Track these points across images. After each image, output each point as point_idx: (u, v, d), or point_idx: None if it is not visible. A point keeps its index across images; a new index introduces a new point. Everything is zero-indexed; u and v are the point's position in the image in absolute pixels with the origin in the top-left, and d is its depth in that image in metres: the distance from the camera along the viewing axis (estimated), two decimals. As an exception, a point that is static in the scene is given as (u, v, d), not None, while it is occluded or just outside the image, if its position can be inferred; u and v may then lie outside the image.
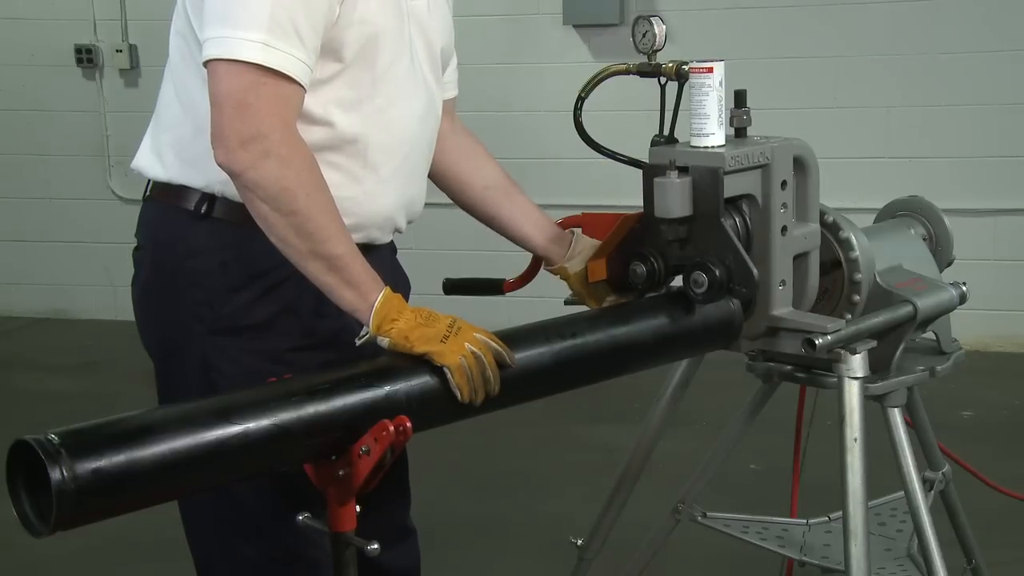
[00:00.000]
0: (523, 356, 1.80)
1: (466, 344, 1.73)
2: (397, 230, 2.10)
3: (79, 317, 6.47)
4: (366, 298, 1.76)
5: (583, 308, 2.19)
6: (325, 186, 1.80)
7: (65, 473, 1.40)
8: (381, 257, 2.06)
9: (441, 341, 1.73)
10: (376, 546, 1.67)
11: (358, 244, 1.87)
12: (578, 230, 2.19)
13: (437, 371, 1.72)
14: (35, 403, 5.08)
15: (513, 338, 1.85)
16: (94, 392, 5.10)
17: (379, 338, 1.75)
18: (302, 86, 1.79)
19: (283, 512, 1.88)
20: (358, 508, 1.70)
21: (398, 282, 2.09)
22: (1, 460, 1.49)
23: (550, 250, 2.20)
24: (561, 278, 2.18)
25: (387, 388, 1.67)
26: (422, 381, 1.71)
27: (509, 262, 2.40)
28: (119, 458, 1.45)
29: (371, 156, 1.95)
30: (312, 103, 1.86)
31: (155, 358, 2.05)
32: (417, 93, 2.02)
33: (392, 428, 1.61)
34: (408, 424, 1.62)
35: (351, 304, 1.78)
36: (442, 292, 2.45)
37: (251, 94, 1.73)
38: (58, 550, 2.75)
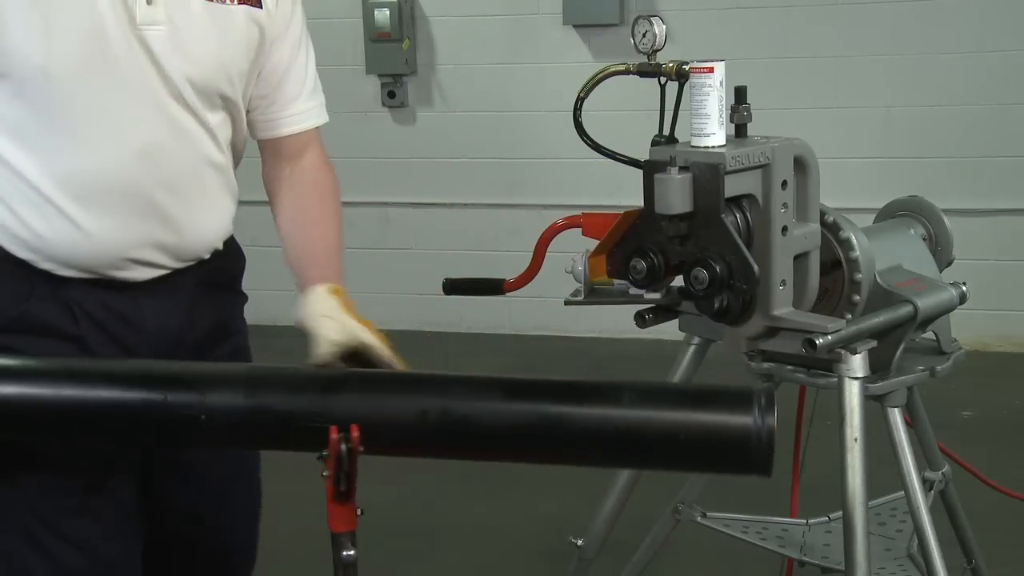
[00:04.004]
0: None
1: None
2: (160, 265, 1.98)
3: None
4: None
5: (583, 308, 2.19)
6: None
7: None
8: (164, 291, 1.99)
9: None
10: (352, 552, 1.67)
11: (93, 280, 1.91)
12: (323, 297, 1.98)
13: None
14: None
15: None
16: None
17: None
18: None
19: None
20: (360, 512, 1.70)
21: (200, 316, 2.04)
22: None
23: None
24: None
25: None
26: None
27: (509, 262, 2.41)
28: None
29: (59, 196, 1.88)
30: None
31: None
32: (138, 129, 1.90)
33: (335, 435, 1.61)
34: (355, 434, 1.62)
35: None
36: (442, 292, 2.44)
37: None
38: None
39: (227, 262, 2.10)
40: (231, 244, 2.12)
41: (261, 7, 2.01)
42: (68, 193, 1.88)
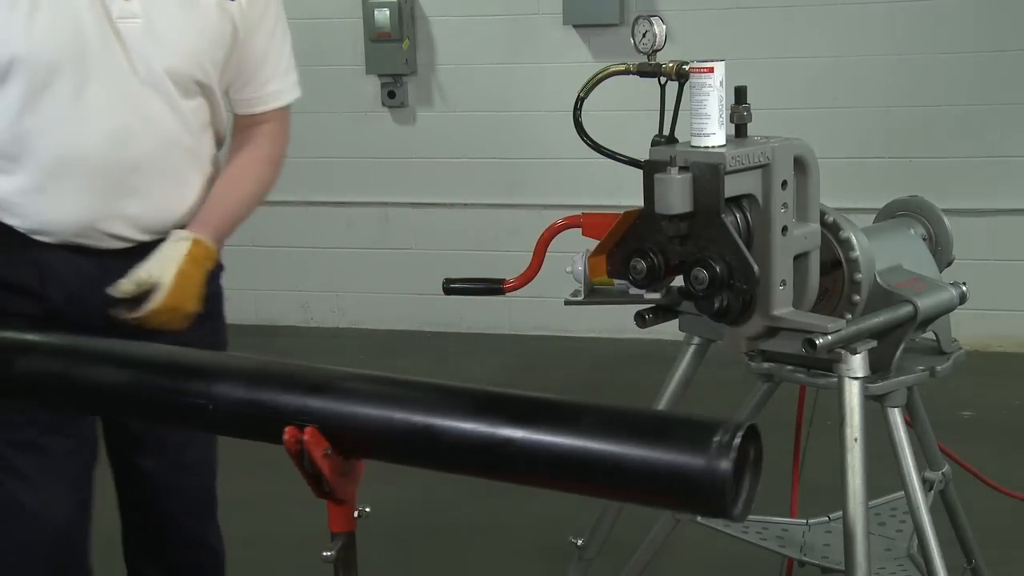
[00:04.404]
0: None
1: None
2: (128, 238, 2.16)
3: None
4: None
5: (583, 308, 2.19)
6: None
7: None
8: (133, 256, 2.14)
9: None
10: (330, 553, 1.68)
11: (65, 245, 2.11)
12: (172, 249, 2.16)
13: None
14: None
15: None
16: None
17: None
18: None
19: None
20: (359, 514, 1.70)
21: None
22: None
23: None
24: None
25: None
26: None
27: (509, 262, 2.41)
28: None
29: (32, 170, 2.08)
30: None
31: None
32: (107, 114, 2.08)
33: (289, 435, 1.62)
34: (306, 436, 1.62)
35: None
36: (442, 292, 2.44)
37: None
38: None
39: None
40: None
41: (233, 0, 2.14)
42: (43, 170, 2.07)
